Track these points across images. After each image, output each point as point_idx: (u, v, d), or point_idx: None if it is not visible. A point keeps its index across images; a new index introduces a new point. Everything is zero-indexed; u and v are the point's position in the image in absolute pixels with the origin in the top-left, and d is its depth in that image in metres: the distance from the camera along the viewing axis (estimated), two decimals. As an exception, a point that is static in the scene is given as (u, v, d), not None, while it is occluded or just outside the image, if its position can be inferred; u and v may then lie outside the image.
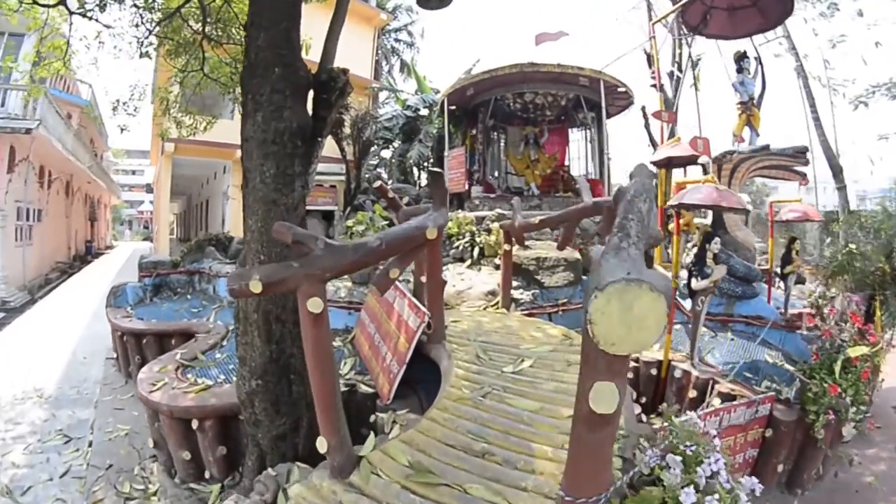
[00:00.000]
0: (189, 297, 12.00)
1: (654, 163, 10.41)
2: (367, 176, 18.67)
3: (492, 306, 9.42)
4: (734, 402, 5.91)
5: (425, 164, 24.69)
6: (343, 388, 6.05)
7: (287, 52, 4.94)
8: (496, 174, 18.33)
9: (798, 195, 13.15)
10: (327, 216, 14.73)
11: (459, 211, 15.67)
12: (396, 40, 33.90)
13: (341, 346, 7.76)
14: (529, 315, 9.06)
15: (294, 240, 3.61)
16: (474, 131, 17.86)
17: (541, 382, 5.19)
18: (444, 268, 13.03)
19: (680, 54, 16.81)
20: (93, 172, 32.02)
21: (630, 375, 7.28)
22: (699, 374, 7.02)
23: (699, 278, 7.23)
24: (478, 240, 12.92)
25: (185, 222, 39.06)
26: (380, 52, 31.60)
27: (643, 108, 16.91)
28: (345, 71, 5.06)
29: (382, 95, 29.79)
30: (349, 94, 5.20)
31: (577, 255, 10.56)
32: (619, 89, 15.88)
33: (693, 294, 7.41)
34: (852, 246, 11.20)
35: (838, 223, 13.62)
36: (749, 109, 10.62)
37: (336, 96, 4.99)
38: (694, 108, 11.55)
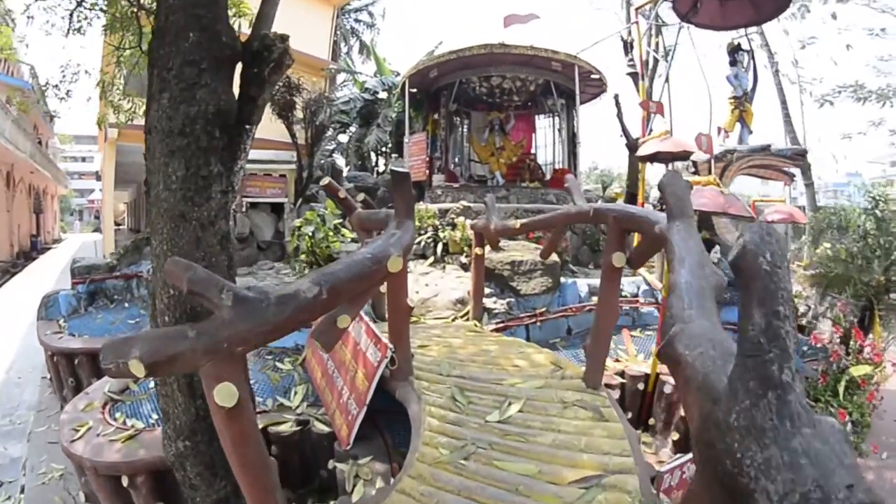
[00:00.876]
0: (127, 304, 10.97)
1: (640, 157, 9.40)
2: (321, 163, 17.21)
3: (462, 317, 8.23)
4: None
5: (383, 149, 23.40)
6: (295, 427, 5.18)
7: (206, 14, 3.60)
8: (458, 161, 17.12)
9: (782, 195, 12.38)
10: (277, 209, 13.27)
11: (420, 202, 14.40)
12: (356, 20, 32.16)
13: (291, 369, 6.66)
14: (504, 328, 7.92)
15: (190, 289, 2.30)
16: (436, 116, 16.48)
17: (534, 434, 4.14)
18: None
19: (657, 43, 15.73)
20: (36, 161, 29.45)
21: (616, 393, 6.45)
22: (691, 390, 5.99)
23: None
24: (441, 235, 11.70)
25: (135, 212, 36.88)
26: (338, 32, 29.99)
27: (616, 97, 15.79)
28: (283, 38, 3.75)
29: (340, 78, 28.17)
30: (288, 67, 3.88)
31: (556, 258, 9.41)
32: (593, 76, 14.73)
33: None
34: (841, 246, 10.58)
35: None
36: (742, 105, 9.68)
37: (270, 70, 3.68)
38: (666, 99, 10.67)
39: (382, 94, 22.69)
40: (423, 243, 11.90)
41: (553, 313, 8.48)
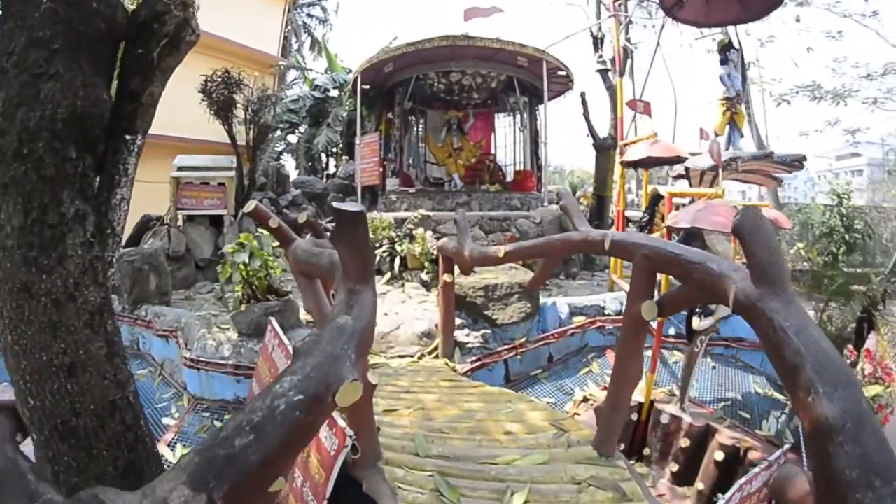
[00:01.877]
0: None
1: (627, 162, 8.33)
2: (268, 166, 15.70)
3: (430, 353, 7.00)
4: (754, 472, 3.82)
5: (334, 150, 21.99)
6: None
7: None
8: (412, 162, 15.79)
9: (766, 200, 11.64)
10: (217, 221, 11.77)
11: (374, 210, 13.11)
12: (309, 15, 30.35)
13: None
14: (481, 366, 6.72)
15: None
16: (390, 115, 15.23)
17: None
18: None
19: (628, 39, 14.77)
20: None
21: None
22: (692, 421, 5.48)
23: (702, 317, 5.72)
24: (399, 248, 10.44)
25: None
26: (289, 27, 28.32)
27: (582, 94, 14.79)
28: (184, 3, 2.38)
29: (292, 76, 26.60)
30: (190, 46, 2.52)
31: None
32: (559, 72, 13.64)
33: (692, 334, 5.84)
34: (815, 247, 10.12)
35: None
36: (734, 106, 8.67)
37: (163, 50, 2.34)
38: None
39: (334, 92, 21.35)
40: (378, 258, 10.63)
41: (533, 342, 7.30)
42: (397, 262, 10.35)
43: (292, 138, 22.95)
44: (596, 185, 14.82)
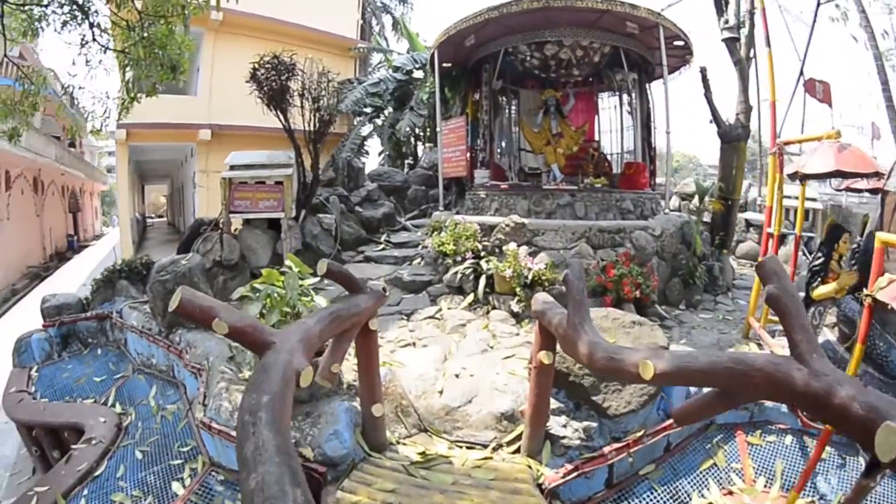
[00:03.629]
0: (100, 351, 9.06)
1: (808, 175, 5.83)
2: (342, 156, 13.62)
3: (508, 444, 4.67)
4: None
5: (419, 134, 19.82)
6: None
7: None
8: (503, 150, 13.18)
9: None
10: (276, 224, 9.82)
11: (456, 212, 10.79)
12: (388, -3, 28.27)
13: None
14: (578, 475, 4.29)
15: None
16: (477, 96, 12.69)
17: None
18: (432, 305, 8.35)
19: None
20: (64, 163, 27.80)
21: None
22: None
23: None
24: (485, 266, 8.08)
25: (172, 206, 34.28)
26: (368, 9, 26.30)
27: (703, 70, 11.84)
28: None
29: (377, 59, 24.62)
30: None
31: (660, 339, 5.69)
32: (676, 42, 10.75)
33: (810, 302, 5.58)
34: None
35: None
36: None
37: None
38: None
39: (418, 74, 19.06)
40: (459, 275, 8.35)
41: (651, 433, 4.79)
42: (482, 282, 8.01)
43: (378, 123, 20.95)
44: (722, 185, 11.92)
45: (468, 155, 12.24)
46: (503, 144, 13.08)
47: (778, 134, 7.29)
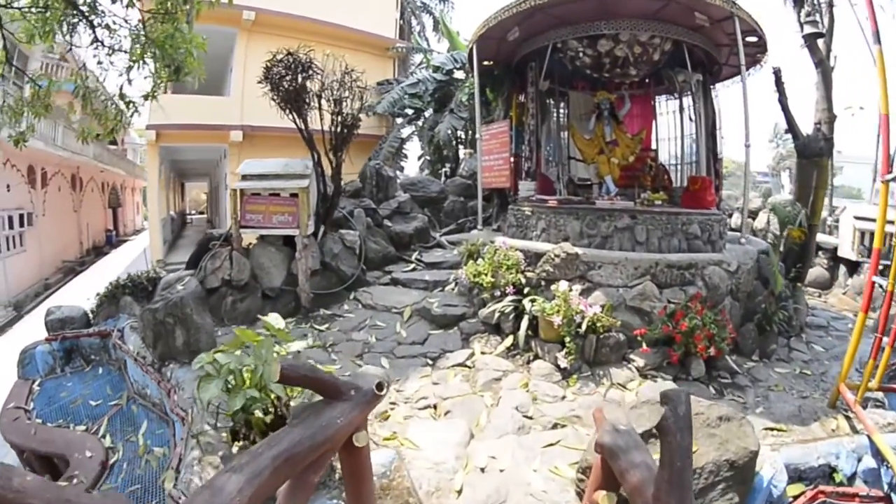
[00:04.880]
0: (101, 369, 8.20)
1: None
2: (369, 164, 12.15)
3: None
4: None
5: (461, 137, 18.37)
6: None
7: None
8: (551, 158, 11.38)
9: None
10: (290, 241, 8.46)
11: (497, 227, 9.29)
12: (428, -6, 26.89)
13: None
14: None
15: None
16: (522, 98, 11.04)
17: None
18: (463, 347, 6.90)
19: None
20: (104, 161, 28.16)
21: None
22: None
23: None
24: (528, 305, 6.57)
25: (210, 204, 33.75)
26: (408, 9, 24.97)
27: (777, 72, 10.16)
28: None
29: (417, 60, 23.29)
30: None
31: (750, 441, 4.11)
32: (749, 38, 9.00)
33: None
34: None
35: None
36: None
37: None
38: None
39: (459, 74, 17.63)
40: (497, 313, 6.86)
41: None
42: (524, 324, 6.51)
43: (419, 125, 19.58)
44: (805, 211, 10.19)
45: (512, 164, 10.65)
46: (550, 152, 11.46)
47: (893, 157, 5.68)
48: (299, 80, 8.13)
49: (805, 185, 9.97)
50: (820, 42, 10.11)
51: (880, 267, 11.64)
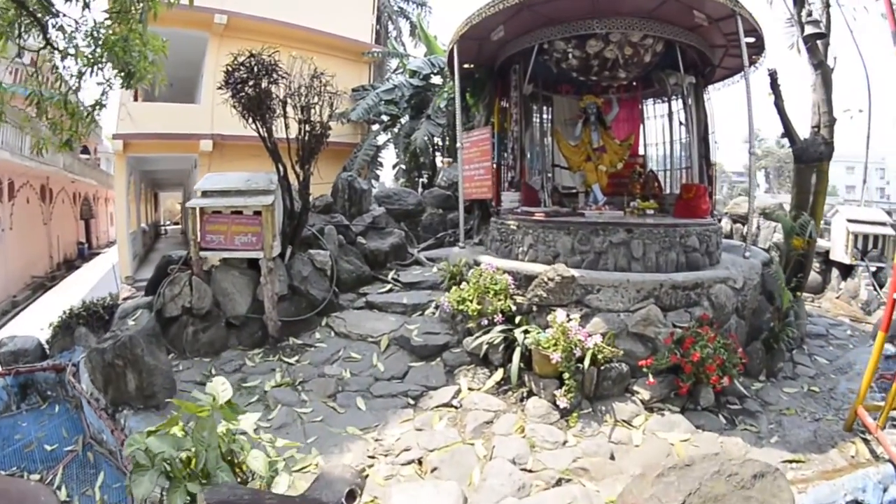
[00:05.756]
0: (58, 407, 7.30)
1: None
2: (340, 177, 11.16)
3: None
4: None
5: (438, 145, 17.56)
6: None
7: None
8: (535, 167, 10.50)
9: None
10: (255, 264, 7.55)
11: (479, 242, 8.50)
12: (405, 0, 26.07)
13: None
14: None
15: None
16: (505, 103, 10.10)
17: None
18: (448, 383, 6.13)
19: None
20: (74, 171, 26.82)
21: None
22: None
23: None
24: (520, 336, 5.78)
25: (185, 215, 32.56)
26: (385, 14, 24.16)
27: (773, 74, 9.52)
28: None
29: (393, 66, 22.50)
30: None
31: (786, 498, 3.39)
32: (748, 39, 8.22)
33: None
34: None
35: None
36: None
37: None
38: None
39: (436, 79, 16.85)
40: (485, 346, 6.06)
41: None
42: (516, 357, 5.72)
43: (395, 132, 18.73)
44: (795, 211, 9.54)
45: (494, 173, 9.84)
46: (534, 160, 10.65)
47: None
48: (263, 84, 7.25)
49: (803, 190, 9.33)
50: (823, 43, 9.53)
51: (873, 269, 11.40)
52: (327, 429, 5.31)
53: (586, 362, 5.28)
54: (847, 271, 11.88)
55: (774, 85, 9.65)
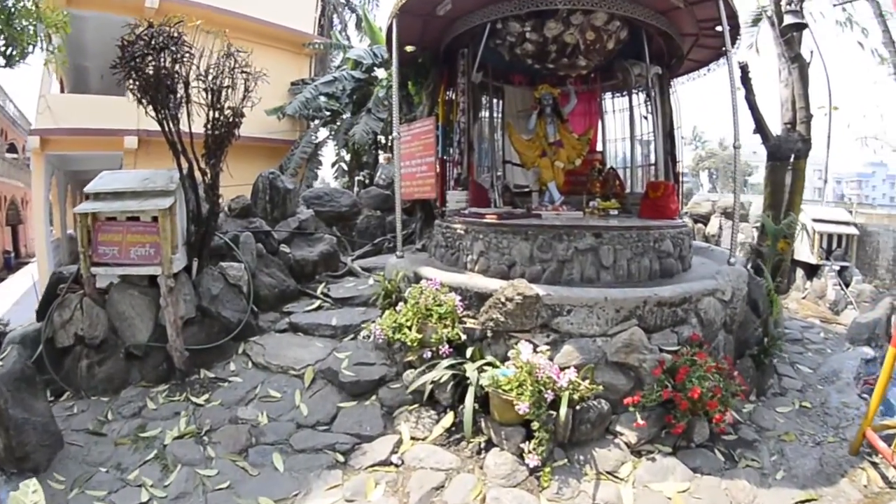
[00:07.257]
0: None
1: None
2: (261, 176, 9.52)
3: None
4: None
5: (381, 142, 16.25)
6: None
7: None
8: (484, 163, 9.34)
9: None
10: (154, 281, 6.05)
11: (421, 247, 7.29)
12: (352, -8, 24.70)
13: None
14: None
15: None
16: (451, 92, 8.89)
17: None
18: (386, 429, 4.87)
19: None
20: None
21: None
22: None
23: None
24: (473, 373, 4.49)
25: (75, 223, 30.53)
26: (330, 4, 22.73)
27: (744, 67, 8.72)
28: None
29: (338, 61, 21.04)
30: None
31: None
32: (718, 28, 6.93)
33: None
34: None
35: None
36: None
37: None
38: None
39: (380, 73, 15.51)
40: (430, 385, 4.75)
41: None
42: (469, 397, 4.46)
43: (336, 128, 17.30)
44: (770, 208, 8.67)
45: (438, 170, 8.49)
46: (483, 156, 9.41)
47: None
48: (164, 61, 5.80)
49: (777, 189, 8.49)
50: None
51: (837, 268, 10.95)
52: (234, 500, 3.99)
53: (561, 408, 4.07)
54: (812, 271, 11.58)
55: (746, 79, 8.91)
